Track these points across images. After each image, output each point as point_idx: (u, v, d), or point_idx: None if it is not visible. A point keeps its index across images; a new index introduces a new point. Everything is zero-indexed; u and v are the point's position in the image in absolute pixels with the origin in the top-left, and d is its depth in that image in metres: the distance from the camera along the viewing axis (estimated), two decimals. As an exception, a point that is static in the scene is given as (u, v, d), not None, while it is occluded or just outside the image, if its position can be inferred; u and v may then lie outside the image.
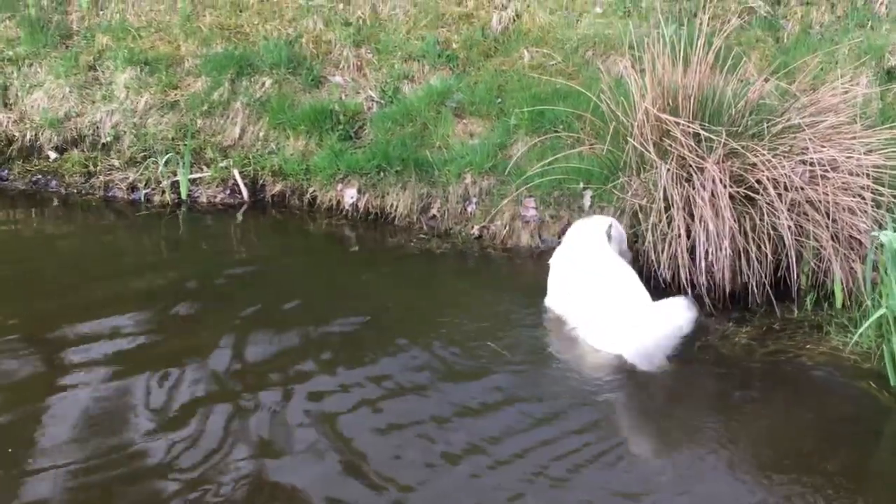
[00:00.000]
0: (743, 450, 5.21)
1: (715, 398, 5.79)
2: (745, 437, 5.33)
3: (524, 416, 5.45)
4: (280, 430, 5.27)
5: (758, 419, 5.53)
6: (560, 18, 9.07)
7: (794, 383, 5.87)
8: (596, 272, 6.40)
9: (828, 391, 5.82)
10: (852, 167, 6.66)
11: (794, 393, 5.78)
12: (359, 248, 7.91)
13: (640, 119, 6.96)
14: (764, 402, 5.73)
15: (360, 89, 8.91)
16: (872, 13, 8.55)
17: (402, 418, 5.40)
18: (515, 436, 5.26)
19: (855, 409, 5.64)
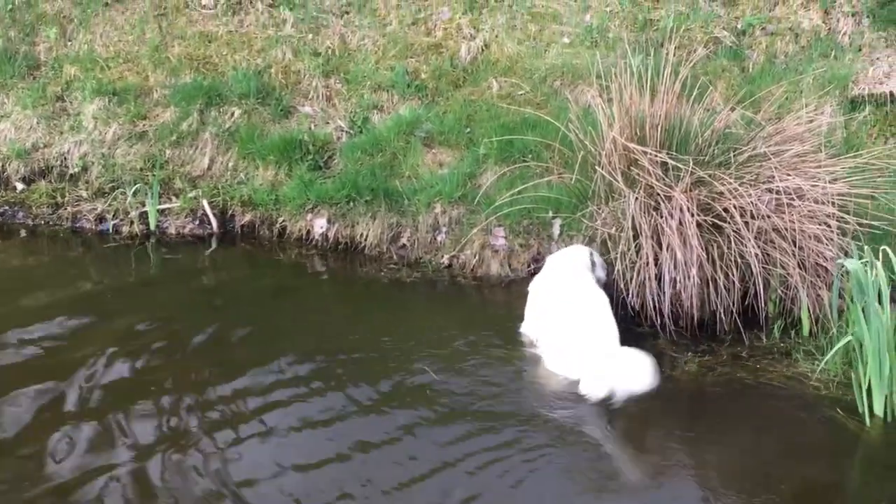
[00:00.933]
0: (709, 476, 5.24)
1: (682, 424, 5.79)
2: (712, 464, 5.35)
3: (485, 446, 5.47)
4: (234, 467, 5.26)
5: (725, 446, 5.54)
6: (528, 49, 9.13)
7: (762, 410, 5.89)
8: (569, 302, 6.43)
9: (796, 418, 5.84)
10: (818, 195, 6.72)
11: (761, 420, 5.80)
12: (329, 278, 7.88)
13: (608, 148, 7.01)
14: (731, 429, 5.73)
15: (329, 119, 8.93)
16: (835, 43, 8.65)
17: (354, 444, 5.43)
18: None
19: (823, 435, 5.66)
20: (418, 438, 5.50)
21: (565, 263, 6.79)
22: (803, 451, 5.47)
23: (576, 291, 6.54)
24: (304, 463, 5.27)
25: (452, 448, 5.39)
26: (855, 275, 5.95)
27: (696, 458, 5.42)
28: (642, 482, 5.25)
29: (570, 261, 6.80)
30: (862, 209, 6.78)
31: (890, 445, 5.48)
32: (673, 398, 6.05)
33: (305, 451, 5.38)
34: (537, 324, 6.60)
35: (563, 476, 5.28)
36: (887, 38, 8.54)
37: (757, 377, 6.27)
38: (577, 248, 7.01)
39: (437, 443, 5.45)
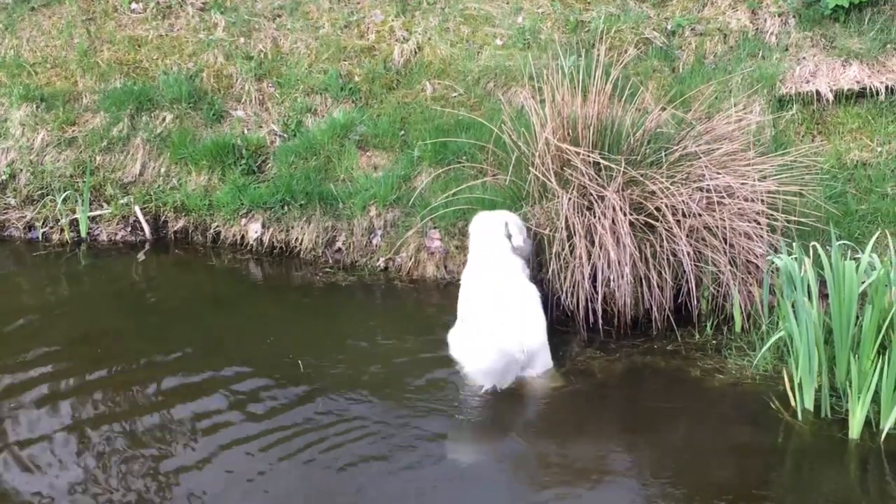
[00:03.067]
0: (644, 471, 5.31)
1: (617, 421, 5.86)
2: (647, 459, 5.41)
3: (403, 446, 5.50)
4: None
5: (659, 441, 5.60)
6: (461, 51, 9.14)
7: (696, 406, 5.97)
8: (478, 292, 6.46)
9: (729, 413, 5.93)
10: (747, 193, 6.81)
11: (695, 415, 5.87)
12: (264, 283, 7.82)
13: (540, 149, 7.04)
14: (666, 425, 5.79)
15: (262, 123, 8.87)
16: (763, 43, 8.76)
17: (291, 455, 5.41)
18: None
19: (756, 430, 5.74)
20: (357, 451, 5.47)
21: (481, 239, 6.74)
22: (736, 446, 5.54)
23: (485, 277, 6.52)
24: (242, 476, 5.23)
25: (384, 456, 5.41)
26: (785, 271, 6.05)
27: (631, 453, 5.48)
28: (578, 478, 5.25)
29: (484, 236, 6.73)
30: (791, 206, 6.88)
31: (820, 438, 5.57)
32: (608, 395, 6.11)
33: (241, 463, 5.33)
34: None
35: (497, 475, 5.31)
36: (813, 38, 8.67)
37: (691, 373, 6.35)
38: (492, 218, 6.85)
39: (372, 455, 5.42)
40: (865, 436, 5.49)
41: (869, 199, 7.53)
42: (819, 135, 8.16)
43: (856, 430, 5.49)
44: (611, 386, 6.25)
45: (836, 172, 7.75)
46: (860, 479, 5.27)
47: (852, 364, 5.55)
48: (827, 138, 8.11)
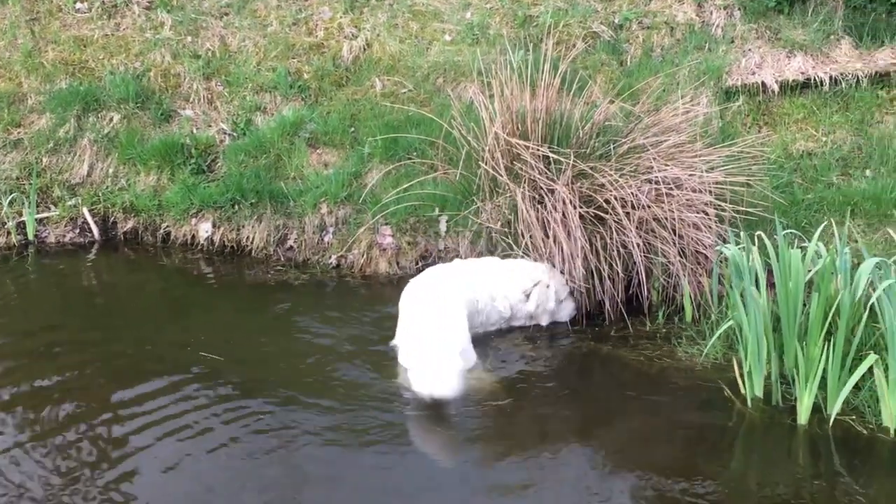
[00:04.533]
0: (598, 460, 5.32)
1: (570, 411, 5.85)
2: (601, 448, 5.42)
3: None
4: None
5: (612, 431, 5.63)
6: (410, 47, 9.14)
7: (648, 395, 6.00)
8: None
9: (680, 401, 5.96)
10: (695, 184, 6.88)
11: (648, 404, 5.91)
12: (215, 282, 7.76)
13: (490, 144, 7.07)
14: (619, 414, 5.83)
15: (211, 122, 8.81)
16: (709, 36, 8.85)
17: (243, 454, 5.34)
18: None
19: (706, 418, 5.78)
20: (301, 449, 5.42)
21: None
22: (688, 433, 5.60)
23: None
24: (179, 472, 5.18)
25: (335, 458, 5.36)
26: (733, 261, 6.11)
27: (585, 443, 5.49)
28: (532, 468, 5.26)
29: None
30: (738, 196, 6.96)
31: (769, 425, 5.62)
32: (561, 387, 6.13)
33: (180, 460, 5.25)
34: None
35: (449, 465, 5.32)
36: (758, 30, 8.77)
37: (643, 363, 6.40)
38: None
39: (324, 459, 5.35)
40: (814, 422, 5.55)
41: (815, 188, 7.64)
42: (765, 125, 8.26)
43: (804, 415, 5.55)
44: (564, 375, 6.30)
45: (782, 162, 7.86)
46: (809, 464, 5.33)
47: (799, 351, 5.61)
48: (773, 129, 8.22)
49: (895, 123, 8.09)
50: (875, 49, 8.49)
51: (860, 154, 7.94)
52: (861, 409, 5.60)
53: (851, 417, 5.56)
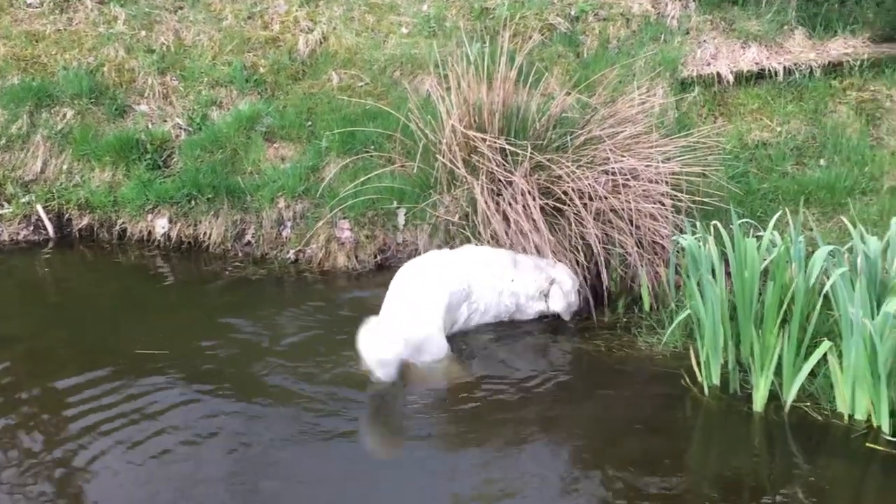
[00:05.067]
0: (559, 448, 5.35)
1: (532, 400, 5.84)
2: (561, 437, 5.45)
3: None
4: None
5: (573, 420, 5.64)
6: (367, 40, 9.11)
7: (609, 384, 6.02)
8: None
9: (640, 390, 6.00)
10: (652, 175, 6.91)
11: (608, 393, 5.93)
12: (172, 279, 7.68)
13: (447, 136, 7.07)
14: (579, 403, 5.84)
15: (166, 117, 8.73)
16: (665, 27, 8.89)
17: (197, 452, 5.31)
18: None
19: (665, 404, 5.81)
20: (268, 447, 5.39)
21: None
22: (646, 421, 5.61)
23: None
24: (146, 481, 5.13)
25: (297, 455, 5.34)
26: (689, 250, 6.15)
27: (545, 432, 5.50)
28: (492, 457, 5.27)
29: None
30: (694, 187, 7.01)
31: (726, 413, 5.66)
32: (524, 378, 6.13)
33: (145, 469, 5.18)
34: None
35: (410, 456, 5.32)
36: (713, 21, 8.83)
37: (603, 353, 6.44)
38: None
39: (287, 458, 5.32)
40: (770, 409, 5.61)
41: (770, 177, 7.70)
42: (721, 116, 8.32)
43: (760, 403, 5.60)
44: (527, 366, 6.30)
45: (737, 152, 7.92)
46: (765, 451, 5.38)
47: (755, 339, 5.66)
48: (728, 119, 8.27)
49: (848, 113, 8.17)
50: (828, 39, 8.58)
51: (814, 143, 8.02)
52: (816, 395, 5.66)
53: (807, 404, 5.61)
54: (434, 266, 6.44)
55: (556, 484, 5.06)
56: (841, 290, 5.45)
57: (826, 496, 4.87)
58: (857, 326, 5.24)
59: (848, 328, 5.35)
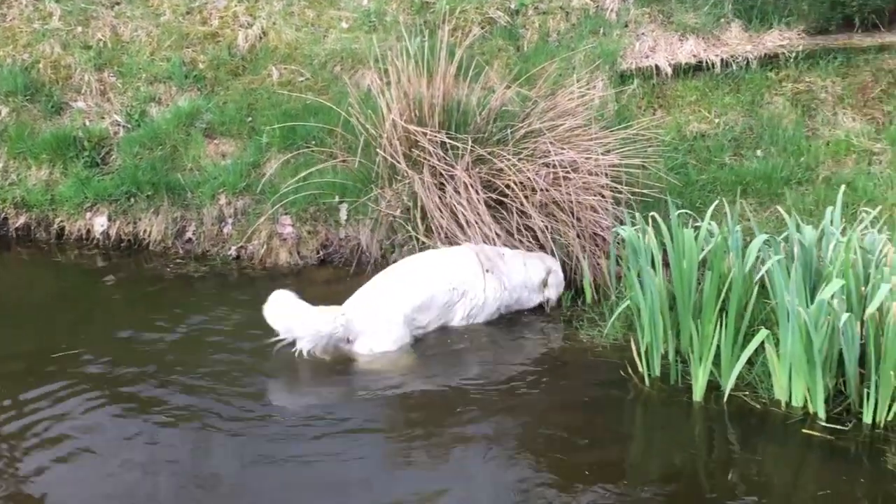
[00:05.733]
0: (504, 443, 5.32)
1: (474, 394, 5.84)
2: (505, 431, 5.44)
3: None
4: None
5: (517, 413, 5.63)
6: (307, 35, 9.06)
7: (551, 377, 6.04)
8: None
9: (583, 383, 6.01)
10: (592, 167, 6.96)
11: (551, 386, 5.93)
12: (112, 277, 7.59)
13: (388, 131, 7.07)
14: (522, 396, 5.83)
15: (104, 114, 8.62)
16: (604, 20, 8.95)
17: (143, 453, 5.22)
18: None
19: (608, 396, 5.83)
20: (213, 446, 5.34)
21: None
22: (589, 415, 5.64)
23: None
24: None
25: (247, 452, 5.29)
26: (629, 242, 6.20)
27: (486, 426, 5.48)
28: (434, 453, 5.26)
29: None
30: (634, 178, 7.07)
31: (667, 404, 5.71)
32: (465, 369, 6.15)
33: (83, 472, 5.09)
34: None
35: (355, 448, 5.30)
36: (651, 14, 8.90)
37: (545, 345, 6.49)
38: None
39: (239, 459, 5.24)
40: (710, 398, 5.66)
41: (708, 168, 7.79)
42: (660, 108, 8.39)
43: (699, 393, 5.66)
44: (472, 359, 6.35)
45: (676, 144, 7.99)
46: (705, 440, 5.44)
47: (694, 329, 5.72)
48: (667, 111, 8.35)
49: (784, 104, 8.27)
50: (764, 31, 8.67)
51: (751, 134, 8.12)
52: (755, 384, 5.73)
53: (745, 393, 5.68)
54: (421, 265, 6.57)
55: (494, 475, 5.06)
56: (777, 279, 5.54)
57: (763, 482, 4.94)
58: (792, 314, 5.31)
59: (784, 316, 5.42)
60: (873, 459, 5.07)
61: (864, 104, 8.20)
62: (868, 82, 8.28)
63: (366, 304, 6.26)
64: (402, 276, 6.47)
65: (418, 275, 6.47)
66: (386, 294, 6.31)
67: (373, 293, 6.34)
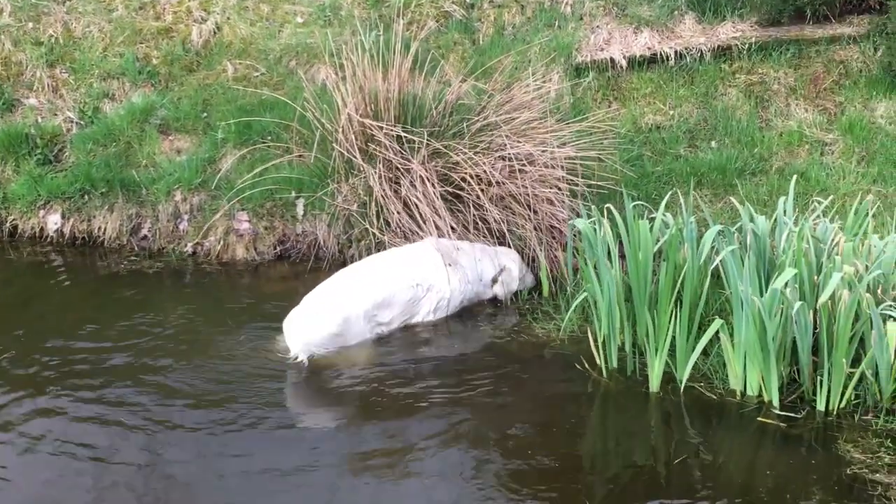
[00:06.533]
0: (462, 436, 5.33)
1: (435, 388, 5.85)
2: (465, 424, 5.45)
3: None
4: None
5: (476, 406, 5.64)
6: (261, 30, 9.01)
7: (510, 370, 6.05)
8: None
9: (540, 375, 6.03)
10: (548, 160, 6.98)
11: (509, 379, 5.94)
12: (67, 275, 7.51)
13: (343, 125, 7.05)
14: (479, 389, 5.82)
15: (57, 111, 8.53)
16: (559, 13, 8.97)
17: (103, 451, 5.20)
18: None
19: (565, 388, 5.87)
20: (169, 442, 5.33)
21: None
22: (547, 407, 5.66)
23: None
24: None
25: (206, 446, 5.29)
26: (585, 234, 6.22)
27: (446, 421, 5.49)
28: (397, 448, 5.27)
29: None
30: (590, 171, 7.10)
31: (624, 395, 5.74)
32: (422, 364, 6.15)
33: (38, 469, 5.08)
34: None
35: (316, 444, 5.29)
36: (605, 7, 8.93)
37: (503, 338, 6.49)
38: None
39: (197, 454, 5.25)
40: (667, 389, 5.71)
41: (664, 160, 7.82)
42: (615, 100, 8.42)
43: (655, 383, 5.70)
44: (427, 352, 6.34)
45: (632, 136, 8.02)
46: (661, 430, 5.47)
47: (649, 320, 5.76)
48: (623, 104, 8.38)
49: (738, 95, 8.34)
50: (717, 23, 8.72)
51: (706, 126, 8.17)
52: (710, 374, 5.78)
53: (702, 383, 5.73)
54: (381, 262, 6.58)
55: (453, 467, 5.08)
56: (731, 269, 5.59)
57: (719, 471, 4.99)
58: (747, 303, 5.36)
59: (738, 306, 5.47)
60: (826, 446, 5.15)
61: (816, 95, 8.28)
62: (820, 73, 8.36)
63: (326, 300, 6.24)
64: (363, 273, 6.47)
65: (378, 272, 6.47)
66: (345, 290, 6.30)
67: (333, 290, 6.32)
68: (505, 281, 6.85)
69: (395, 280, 6.45)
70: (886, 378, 5.29)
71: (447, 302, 6.63)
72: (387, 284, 6.41)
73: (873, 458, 5.00)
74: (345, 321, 6.14)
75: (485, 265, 6.77)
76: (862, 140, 7.81)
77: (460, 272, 6.64)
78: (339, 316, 6.13)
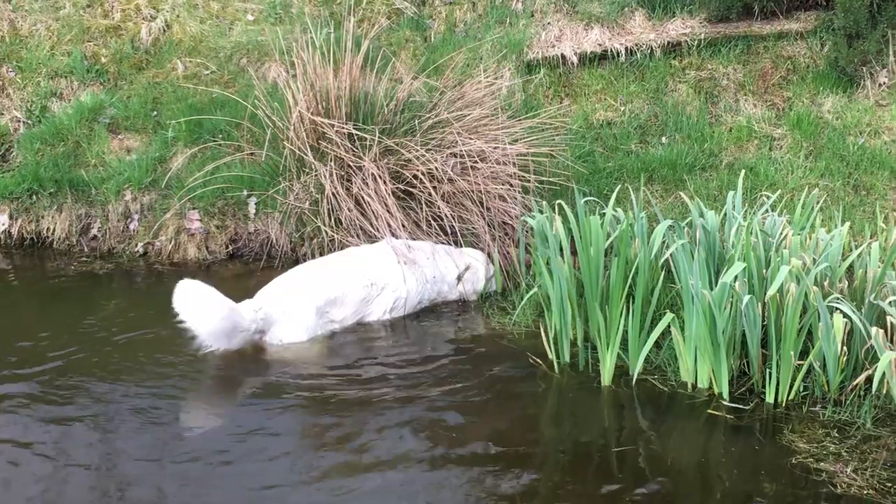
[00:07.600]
0: (412, 428, 5.32)
1: (383, 385, 5.83)
2: (419, 420, 5.43)
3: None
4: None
5: (431, 402, 5.62)
6: (211, 27, 8.97)
7: (463, 366, 6.05)
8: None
9: (493, 370, 6.00)
10: (499, 157, 7.00)
11: (462, 374, 5.93)
12: (14, 276, 7.43)
13: (295, 123, 7.02)
14: (432, 385, 5.81)
15: (3, 110, 8.44)
16: (510, 10, 9.00)
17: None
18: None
19: (518, 383, 5.85)
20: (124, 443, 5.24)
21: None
22: (500, 402, 5.65)
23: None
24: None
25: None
26: (538, 230, 6.25)
27: (400, 416, 5.46)
28: (345, 445, 5.25)
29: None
30: (541, 167, 7.12)
31: (577, 389, 5.76)
32: (375, 359, 6.14)
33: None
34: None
35: (263, 448, 5.26)
36: (556, 3, 8.97)
37: (457, 333, 6.51)
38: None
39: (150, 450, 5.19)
40: (619, 383, 5.73)
41: (615, 156, 7.88)
42: (567, 97, 8.47)
43: (608, 377, 5.73)
44: (380, 347, 6.34)
45: (583, 132, 8.07)
46: (614, 423, 5.48)
47: (600, 315, 5.79)
48: (574, 100, 8.43)
49: (688, 91, 8.41)
50: (667, 20, 8.79)
51: (656, 122, 8.24)
52: (662, 367, 5.83)
53: (654, 377, 5.77)
54: (335, 260, 6.56)
55: (406, 462, 5.04)
56: (682, 263, 5.63)
57: (670, 462, 5.01)
58: (697, 297, 5.41)
59: (689, 299, 5.52)
60: (773, 436, 5.19)
61: (765, 90, 8.37)
62: (768, 69, 8.46)
63: (278, 295, 6.22)
64: (315, 269, 6.45)
65: (331, 269, 6.46)
66: (298, 285, 6.28)
67: (285, 285, 6.30)
68: (470, 280, 6.86)
69: (348, 277, 6.44)
70: (833, 370, 5.36)
71: (404, 301, 6.63)
72: (339, 281, 6.40)
73: (819, 448, 5.06)
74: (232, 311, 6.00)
75: (446, 264, 6.78)
76: (809, 135, 7.91)
77: (417, 272, 6.64)
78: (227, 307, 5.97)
